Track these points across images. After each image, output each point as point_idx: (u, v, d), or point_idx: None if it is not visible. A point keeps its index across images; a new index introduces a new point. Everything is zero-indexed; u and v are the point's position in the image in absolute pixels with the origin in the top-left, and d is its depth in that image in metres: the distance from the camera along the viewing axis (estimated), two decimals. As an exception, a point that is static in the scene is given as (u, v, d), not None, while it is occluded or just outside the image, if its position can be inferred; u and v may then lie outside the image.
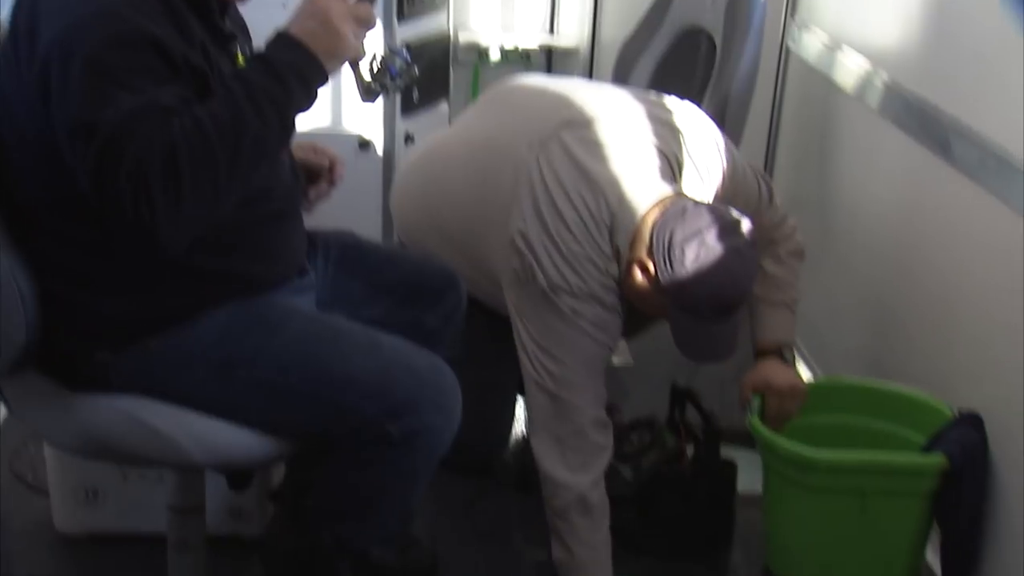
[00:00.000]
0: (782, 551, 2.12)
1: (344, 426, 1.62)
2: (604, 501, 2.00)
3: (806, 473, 1.98)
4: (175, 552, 1.88)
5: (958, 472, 1.93)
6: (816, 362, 2.91)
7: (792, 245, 2.23)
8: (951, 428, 2.00)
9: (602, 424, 2.00)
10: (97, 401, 1.63)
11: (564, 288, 1.93)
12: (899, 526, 2.00)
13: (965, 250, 2.12)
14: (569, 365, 1.95)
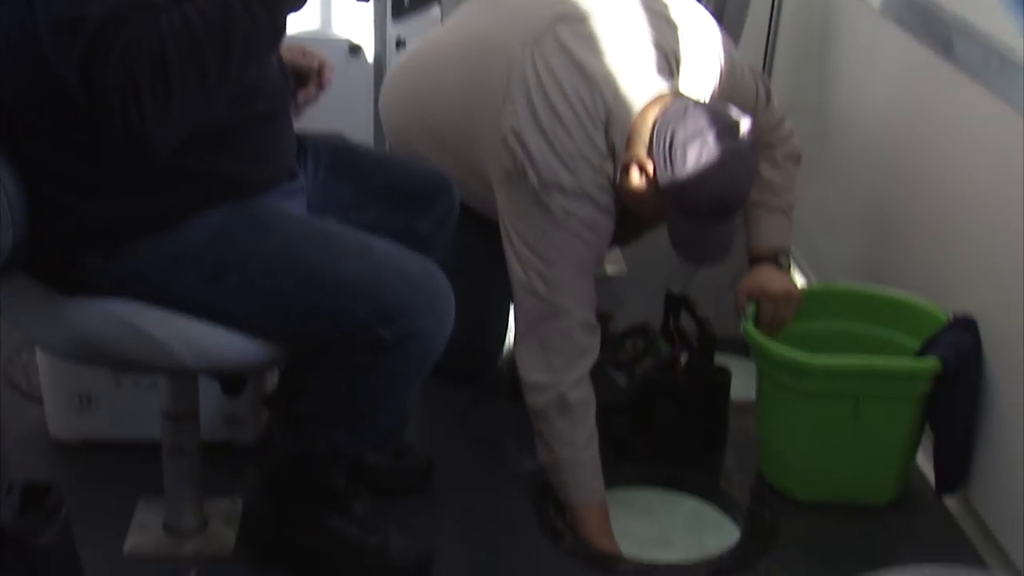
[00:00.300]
0: (775, 457, 2.14)
1: (336, 330, 1.61)
2: (585, 400, 1.97)
3: (800, 378, 1.98)
4: (170, 458, 1.88)
5: (952, 376, 1.93)
6: (811, 268, 2.90)
7: (789, 148, 2.20)
8: (945, 332, 2.00)
9: (590, 327, 1.98)
10: (88, 305, 1.62)
11: (556, 186, 1.90)
12: (892, 430, 2.01)
13: (966, 151, 2.09)
14: (559, 266, 1.93)
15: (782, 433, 2.10)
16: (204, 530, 1.95)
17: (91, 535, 1.66)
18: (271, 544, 1.86)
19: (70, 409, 2.12)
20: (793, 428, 2.06)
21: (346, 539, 1.81)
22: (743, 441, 2.27)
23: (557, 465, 1.98)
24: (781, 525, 2.04)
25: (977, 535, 2.00)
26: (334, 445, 1.73)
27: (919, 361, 1.98)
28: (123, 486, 2.04)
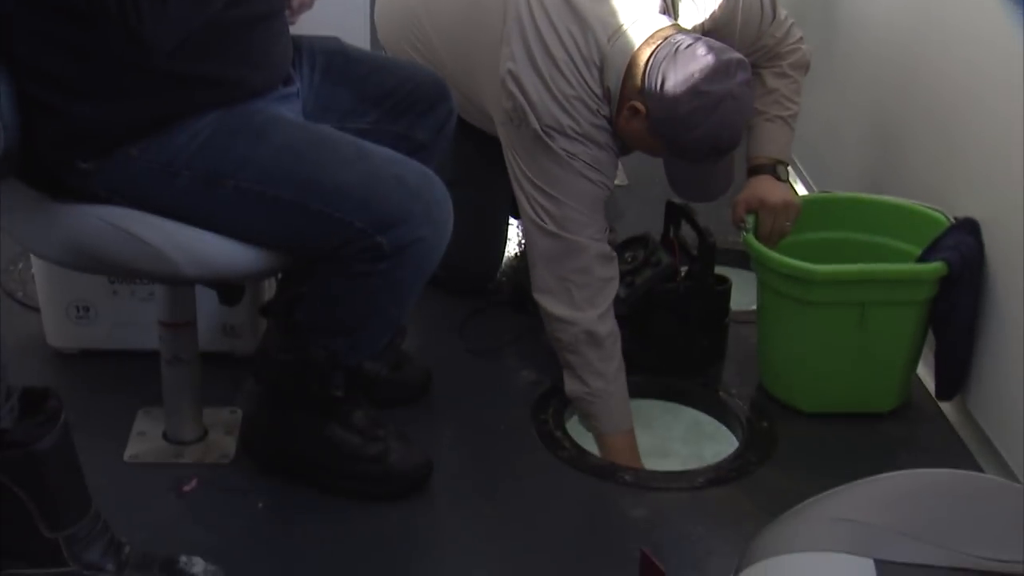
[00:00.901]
0: (778, 369, 2.13)
1: (334, 238, 1.60)
2: (614, 332, 1.99)
3: (805, 288, 1.97)
4: (168, 367, 1.88)
5: (956, 278, 1.92)
6: (813, 178, 2.87)
7: (797, 57, 2.16)
8: (948, 234, 1.98)
9: (606, 257, 1.99)
10: (81, 210, 1.60)
11: (557, 129, 1.91)
12: (897, 337, 2.01)
13: (966, 56, 2.06)
14: (568, 205, 1.94)
15: (785, 345, 2.09)
16: (204, 439, 1.96)
17: (91, 443, 1.66)
18: (271, 453, 1.87)
19: (67, 318, 2.12)
20: (796, 339, 2.05)
21: (345, 448, 1.82)
22: (742, 352, 2.27)
23: (589, 396, 2.00)
24: (779, 434, 2.04)
25: (974, 442, 2.00)
26: (332, 354, 1.73)
27: (925, 266, 1.96)
28: (122, 395, 2.05)
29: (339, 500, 1.83)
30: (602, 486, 1.92)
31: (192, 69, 1.55)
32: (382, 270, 1.62)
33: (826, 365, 2.04)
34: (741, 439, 2.06)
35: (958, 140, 2.09)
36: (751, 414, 2.10)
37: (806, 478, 1.93)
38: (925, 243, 2.01)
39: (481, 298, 2.42)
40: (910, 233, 2.10)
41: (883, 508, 1.16)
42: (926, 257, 1.98)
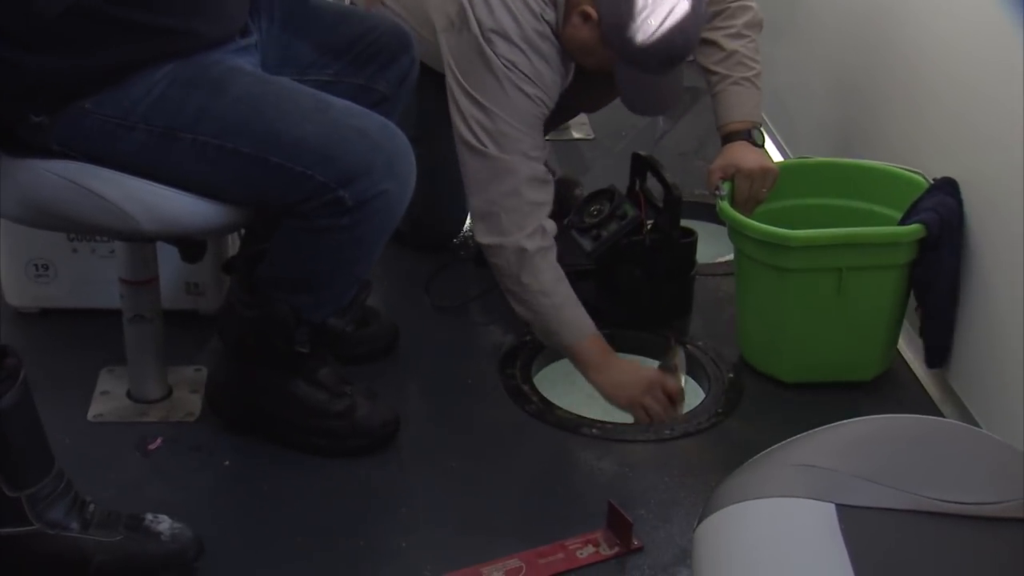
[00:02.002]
0: (756, 339, 2.09)
1: (295, 192, 1.58)
2: (543, 247, 1.95)
3: (781, 254, 1.93)
4: (131, 326, 1.87)
5: (935, 240, 1.89)
6: (787, 143, 2.84)
7: (749, 16, 2.14)
8: (927, 196, 1.94)
9: (539, 180, 1.95)
10: (36, 165, 1.58)
11: (498, 32, 1.87)
12: (876, 301, 1.97)
13: (935, 12, 2.05)
14: (502, 118, 1.90)
15: (763, 313, 2.05)
16: (168, 397, 1.94)
17: (54, 403, 1.65)
18: (236, 410, 1.86)
19: (27, 277, 2.09)
20: (774, 307, 2.01)
21: (311, 404, 1.81)
22: (709, 304, 2.27)
23: (538, 315, 1.97)
24: (747, 387, 2.05)
25: (953, 414, 1.97)
26: (296, 310, 1.72)
27: (903, 228, 1.93)
28: (85, 354, 2.03)
29: (305, 456, 1.82)
30: (569, 439, 1.93)
31: (143, 19, 1.52)
32: (345, 224, 1.61)
33: (805, 333, 2.00)
34: (708, 391, 2.07)
35: (934, 98, 2.06)
36: (717, 366, 2.10)
37: (772, 429, 1.94)
38: (906, 206, 1.97)
39: (447, 254, 2.41)
40: (890, 196, 2.06)
41: (844, 453, 1.17)
42: (907, 219, 1.94)
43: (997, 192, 1.84)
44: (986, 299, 1.88)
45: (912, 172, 2.05)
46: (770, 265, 1.96)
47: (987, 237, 1.88)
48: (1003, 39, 1.76)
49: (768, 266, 1.97)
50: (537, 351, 2.13)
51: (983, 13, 1.84)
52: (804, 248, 1.92)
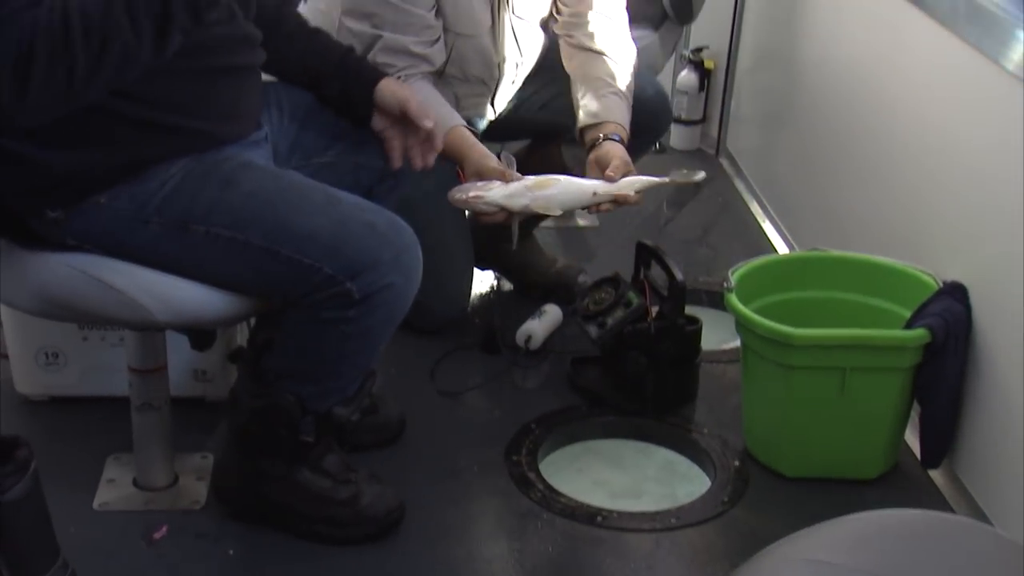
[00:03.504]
0: (760, 432, 2.08)
1: (304, 284, 1.60)
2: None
3: (785, 351, 1.92)
4: (138, 414, 1.87)
5: (941, 347, 1.89)
6: (790, 233, 2.86)
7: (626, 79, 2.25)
8: (935, 300, 1.94)
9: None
10: (52, 259, 1.60)
11: None
12: (879, 403, 1.96)
13: (940, 102, 2.08)
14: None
15: (767, 407, 2.04)
16: (175, 485, 1.94)
17: (60, 491, 1.65)
18: (242, 498, 1.86)
19: (37, 365, 2.10)
20: (778, 402, 2.00)
21: (316, 491, 1.81)
22: (714, 391, 2.28)
23: None
24: (753, 476, 2.05)
25: (963, 508, 1.96)
26: (302, 399, 1.73)
27: (907, 332, 1.92)
28: (92, 442, 2.03)
29: (311, 545, 1.82)
30: (575, 527, 1.92)
31: (160, 119, 1.56)
32: (351, 317, 1.63)
33: (808, 430, 1.99)
34: (713, 479, 2.07)
35: (940, 193, 2.07)
36: (723, 454, 2.10)
37: (779, 520, 1.94)
38: (915, 305, 1.96)
39: (452, 339, 2.43)
40: (899, 294, 2.05)
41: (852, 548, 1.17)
42: (913, 323, 1.94)
43: (1006, 298, 1.83)
44: (995, 396, 1.88)
45: (922, 272, 2.04)
46: (775, 361, 1.96)
47: (997, 338, 1.88)
48: (1017, 141, 1.77)
49: (773, 362, 1.96)
50: (543, 438, 2.13)
51: (986, 104, 1.87)
52: (808, 347, 1.92)
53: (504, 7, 2.23)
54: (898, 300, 2.06)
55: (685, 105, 3.40)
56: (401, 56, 2.12)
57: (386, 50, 2.11)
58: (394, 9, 2.11)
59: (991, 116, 1.87)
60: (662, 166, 3.25)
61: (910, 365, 1.94)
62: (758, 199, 3.07)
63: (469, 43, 2.22)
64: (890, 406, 1.97)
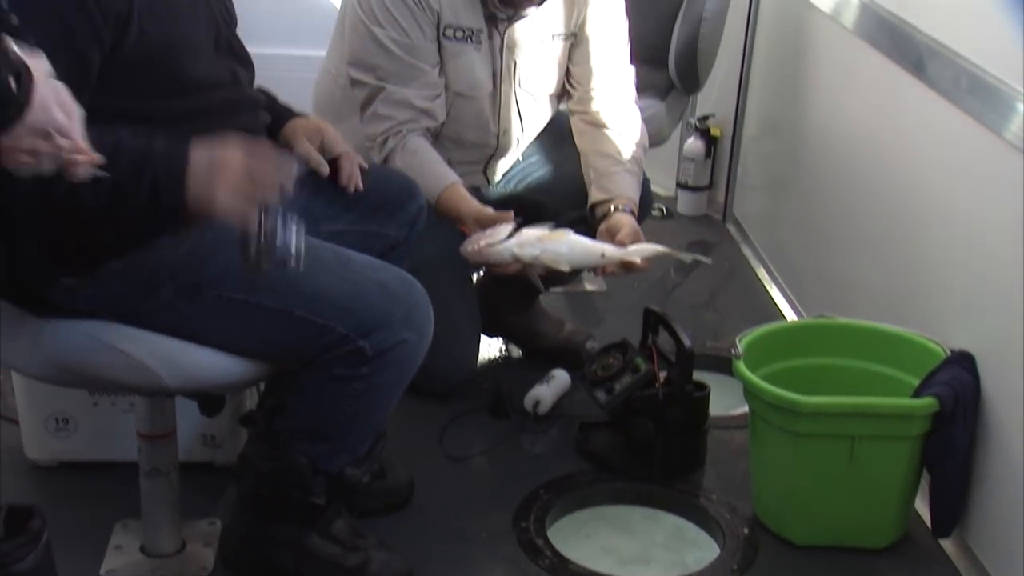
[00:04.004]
0: (769, 499, 2.07)
1: (316, 343, 1.62)
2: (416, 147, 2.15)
3: (793, 418, 1.92)
4: (147, 480, 1.87)
5: (949, 415, 1.88)
6: (796, 298, 2.86)
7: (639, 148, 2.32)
8: (942, 369, 1.94)
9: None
10: (65, 326, 1.61)
11: None
12: (889, 471, 1.96)
13: (943, 172, 2.10)
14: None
15: (776, 475, 2.04)
16: (182, 551, 1.93)
17: (68, 558, 1.64)
18: (250, 565, 1.85)
19: (46, 431, 2.11)
20: (786, 469, 2.00)
21: (325, 558, 1.81)
22: (723, 457, 2.27)
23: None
24: (762, 544, 2.04)
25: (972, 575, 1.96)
26: (313, 461, 1.73)
27: (916, 401, 1.92)
28: (100, 508, 2.03)
29: (319, 612, 1.81)
30: (584, 595, 1.91)
31: None
32: (364, 374, 1.64)
33: (817, 497, 1.98)
34: (722, 546, 2.05)
35: (950, 264, 2.07)
36: (732, 521, 2.09)
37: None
38: (923, 373, 1.96)
39: (460, 404, 2.43)
40: (907, 362, 2.05)
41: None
42: (921, 391, 1.94)
43: (1015, 367, 1.83)
44: (1005, 465, 1.88)
45: (929, 340, 2.04)
46: (783, 428, 1.96)
47: (1005, 407, 1.88)
48: (1019, 211, 1.78)
49: (781, 429, 1.96)
50: (551, 504, 2.13)
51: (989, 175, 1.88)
52: (816, 414, 1.92)
53: (510, 78, 2.27)
54: (906, 368, 2.06)
55: (692, 172, 3.43)
56: (403, 109, 2.16)
57: (388, 102, 2.16)
58: (399, 62, 2.15)
59: (993, 186, 1.88)
60: (669, 231, 3.29)
61: (919, 433, 1.93)
62: (765, 265, 3.08)
63: (467, 105, 2.26)
64: (899, 474, 1.97)
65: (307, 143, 1.82)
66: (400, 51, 2.15)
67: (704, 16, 2.80)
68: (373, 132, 2.18)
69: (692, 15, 2.83)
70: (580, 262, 2.06)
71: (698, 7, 2.82)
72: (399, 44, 2.15)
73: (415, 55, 2.16)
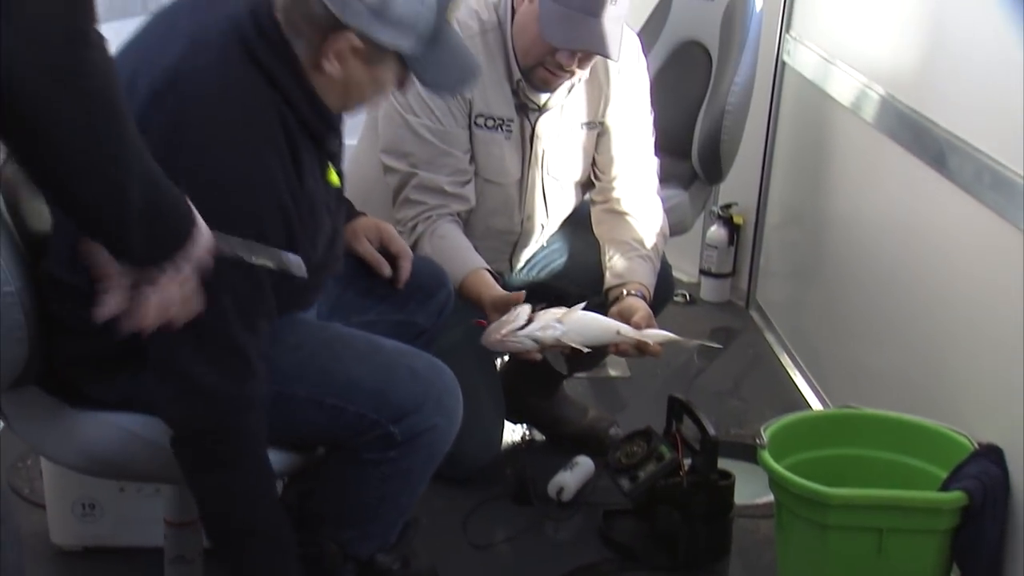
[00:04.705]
0: None
1: (348, 429, 1.64)
2: (446, 232, 2.21)
3: (820, 510, 1.91)
4: (172, 566, 1.87)
5: (978, 509, 1.87)
6: (821, 387, 2.85)
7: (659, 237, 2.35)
8: (970, 462, 1.93)
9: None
10: (99, 418, 1.63)
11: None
12: (918, 565, 1.93)
13: (966, 264, 2.10)
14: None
15: (803, 567, 2.01)
16: (206, 639, 1.93)
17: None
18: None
19: (73, 516, 2.11)
20: (814, 562, 1.97)
21: (354, 642, 1.79)
22: (749, 546, 2.25)
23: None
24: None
25: None
26: (343, 546, 1.73)
27: (945, 495, 1.91)
28: (125, 594, 2.03)
29: None
30: None
31: None
32: (393, 457, 1.65)
33: None
34: (748, 638, 2.03)
35: (963, 348, 2.08)
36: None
37: None
38: (949, 465, 1.95)
39: (483, 490, 2.42)
40: (934, 454, 2.04)
41: None
42: (949, 484, 1.92)
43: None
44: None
45: (956, 432, 2.03)
46: (810, 519, 1.94)
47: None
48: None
49: (808, 520, 1.94)
50: (575, 594, 2.11)
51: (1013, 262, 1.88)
52: (844, 507, 1.90)
53: (537, 165, 2.31)
54: (933, 460, 2.05)
55: (715, 259, 3.46)
56: (434, 195, 2.20)
57: (420, 188, 2.20)
58: (431, 148, 2.20)
59: (1017, 279, 1.88)
60: (692, 317, 3.30)
61: (948, 528, 1.91)
62: (788, 352, 3.08)
63: (495, 191, 2.29)
64: (929, 569, 1.94)
65: (367, 243, 1.89)
66: (433, 138, 2.20)
67: (727, 109, 2.85)
68: (404, 217, 2.22)
69: (715, 108, 2.88)
70: (597, 339, 2.07)
71: (721, 100, 2.87)
72: (432, 131, 2.20)
73: (448, 141, 2.21)
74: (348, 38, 1.49)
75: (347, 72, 1.53)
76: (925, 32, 2.33)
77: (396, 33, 1.50)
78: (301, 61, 1.52)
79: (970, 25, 2.11)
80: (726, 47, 2.92)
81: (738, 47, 2.87)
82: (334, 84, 1.54)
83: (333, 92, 1.56)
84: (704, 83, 2.98)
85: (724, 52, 2.93)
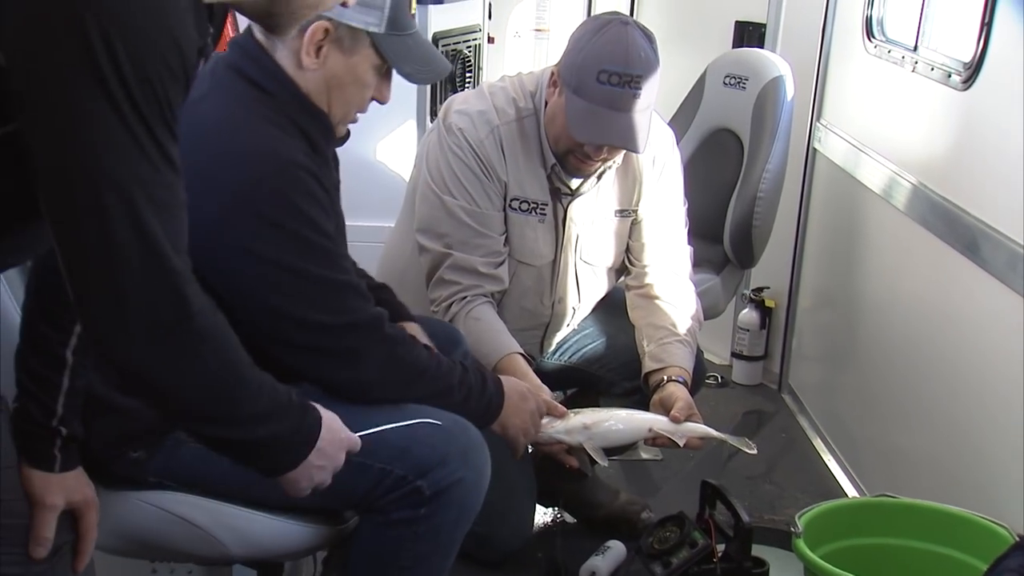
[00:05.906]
0: None
1: (375, 487, 1.64)
2: (479, 315, 2.21)
3: None
4: (204, 647, 1.88)
5: None
6: (856, 471, 2.83)
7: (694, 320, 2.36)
8: (1011, 555, 1.83)
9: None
10: (133, 497, 1.64)
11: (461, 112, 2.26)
12: None
13: (999, 353, 2.10)
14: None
15: None
16: None
17: None
18: None
19: (106, 595, 2.12)
20: None
21: None
22: (782, 636, 2.23)
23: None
24: None
25: None
26: None
27: None
28: (157, 674, 2.02)
29: None
30: None
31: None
32: (423, 515, 1.66)
33: None
34: None
35: (1014, 448, 2.05)
36: None
37: None
38: (989, 557, 1.86)
39: (515, 574, 2.41)
40: (973, 545, 2.00)
41: None
42: None
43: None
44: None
45: (995, 523, 1.99)
46: (845, 612, 1.90)
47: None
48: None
49: (843, 612, 1.91)
50: None
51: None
52: (879, 600, 1.87)
53: (570, 247, 2.34)
54: (971, 551, 2.00)
55: (747, 341, 3.46)
56: (468, 275, 2.22)
57: (455, 268, 2.21)
58: (467, 229, 2.22)
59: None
60: (724, 399, 3.30)
61: (987, 623, 1.88)
62: (822, 436, 3.07)
63: (528, 272, 2.32)
64: (967, 663, 1.91)
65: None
66: (469, 219, 2.22)
67: (759, 195, 2.88)
68: (438, 297, 2.24)
69: (747, 194, 2.92)
70: (625, 441, 2.08)
71: (753, 186, 2.91)
72: (468, 212, 2.22)
73: (483, 223, 2.23)
74: (321, 24, 1.63)
75: (326, 65, 1.66)
76: (955, 121, 2.36)
77: (362, 11, 1.64)
78: (283, 67, 1.68)
79: (998, 115, 2.14)
80: (758, 134, 2.97)
81: (770, 134, 2.92)
82: (317, 82, 1.67)
83: (317, 91, 1.68)
84: (736, 169, 3.02)
85: (756, 139, 2.97)
